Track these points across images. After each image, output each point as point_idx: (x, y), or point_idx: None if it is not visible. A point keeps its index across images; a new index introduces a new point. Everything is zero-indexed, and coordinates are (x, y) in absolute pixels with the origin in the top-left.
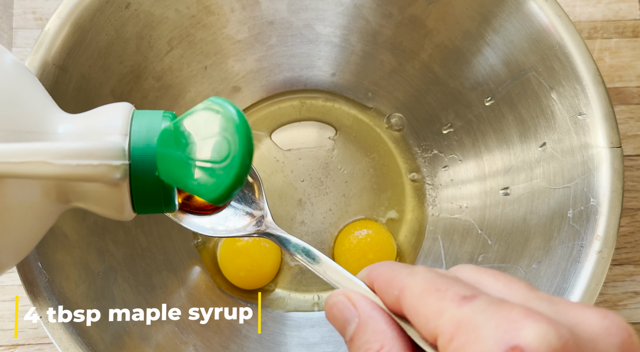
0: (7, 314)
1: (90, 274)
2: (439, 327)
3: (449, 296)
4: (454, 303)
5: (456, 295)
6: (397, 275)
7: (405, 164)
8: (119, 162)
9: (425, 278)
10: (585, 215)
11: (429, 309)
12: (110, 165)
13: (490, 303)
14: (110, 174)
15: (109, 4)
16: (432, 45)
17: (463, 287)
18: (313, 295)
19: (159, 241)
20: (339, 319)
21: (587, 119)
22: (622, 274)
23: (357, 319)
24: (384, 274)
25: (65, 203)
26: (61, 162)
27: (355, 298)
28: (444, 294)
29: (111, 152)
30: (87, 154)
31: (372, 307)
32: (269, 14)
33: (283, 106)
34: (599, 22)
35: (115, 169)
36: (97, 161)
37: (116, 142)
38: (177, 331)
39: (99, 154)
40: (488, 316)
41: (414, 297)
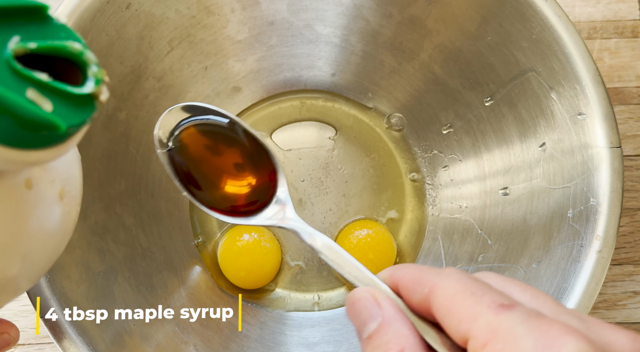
0: (7, 314)
1: (91, 273)
2: (472, 330)
3: (486, 301)
4: (491, 310)
5: (493, 301)
6: (426, 275)
7: (405, 164)
8: None
9: (459, 280)
10: (585, 215)
11: (463, 311)
12: None
13: (529, 315)
14: None
15: (109, 4)
16: (432, 46)
17: (499, 294)
18: (313, 295)
19: (160, 241)
20: (360, 314)
21: (586, 119)
22: (622, 273)
23: (380, 318)
24: (411, 273)
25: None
26: None
27: (380, 298)
28: (480, 298)
29: None
30: None
31: (397, 310)
32: (269, 14)
33: (283, 106)
34: (599, 22)
35: None
36: None
37: None
38: (177, 331)
39: None
40: (528, 328)
41: (447, 297)
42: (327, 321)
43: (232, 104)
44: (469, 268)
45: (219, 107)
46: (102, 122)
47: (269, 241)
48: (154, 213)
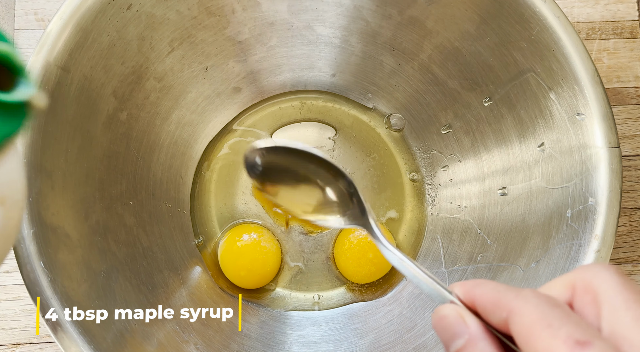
0: (9, 313)
1: (92, 273)
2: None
3: (562, 336)
4: (567, 346)
5: (569, 337)
6: (504, 297)
7: (404, 164)
8: None
9: (537, 306)
10: (584, 214)
11: (540, 344)
12: None
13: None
14: None
15: (110, 5)
16: (431, 46)
17: (577, 327)
18: (313, 294)
19: (161, 241)
20: (447, 330)
21: (585, 119)
22: None
23: (468, 336)
24: (489, 294)
25: None
26: None
27: (466, 316)
28: (557, 332)
29: None
30: None
31: (482, 329)
32: (270, 15)
33: (283, 107)
34: (597, 23)
35: None
36: None
37: None
38: (178, 330)
39: None
40: None
41: (524, 326)
42: (327, 320)
43: (233, 104)
44: (468, 267)
45: (220, 107)
46: (103, 123)
47: (269, 241)
48: (155, 213)
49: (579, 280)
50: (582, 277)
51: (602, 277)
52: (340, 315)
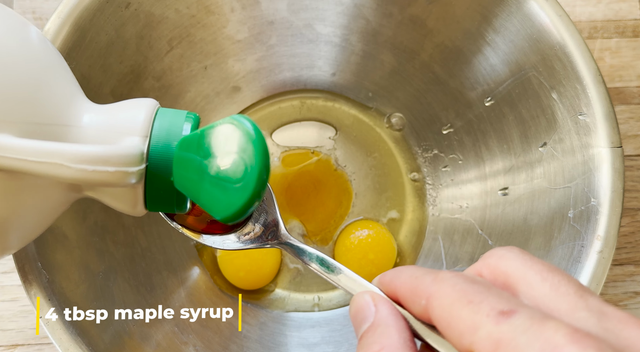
0: (6, 314)
1: (90, 274)
2: (475, 344)
3: (484, 309)
4: (491, 319)
5: (492, 309)
6: (422, 283)
7: (405, 164)
8: (135, 168)
9: (454, 286)
10: (586, 215)
11: (462, 323)
12: (126, 171)
13: (532, 320)
14: (125, 179)
15: (108, 3)
16: (432, 45)
17: (499, 298)
18: (313, 295)
19: (159, 241)
20: (358, 315)
21: (587, 118)
22: (623, 274)
23: (372, 319)
24: (407, 282)
25: (78, 192)
26: (77, 167)
27: (378, 300)
28: (478, 306)
29: (129, 158)
30: (105, 160)
31: (391, 312)
32: (269, 14)
33: (283, 106)
34: (600, 21)
35: (130, 175)
36: (114, 168)
37: (135, 147)
38: (177, 331)
39: (116, 161)
40: (530, 337)
41: (444, 309)
42: (327, 321)
43: (232, 103)
44: None
45: (219, 107)
46: None
47: None
48: (154, 213)
49: (485, 268)
50: (487, 263)
51: (507, 258)
52: (341, 316)
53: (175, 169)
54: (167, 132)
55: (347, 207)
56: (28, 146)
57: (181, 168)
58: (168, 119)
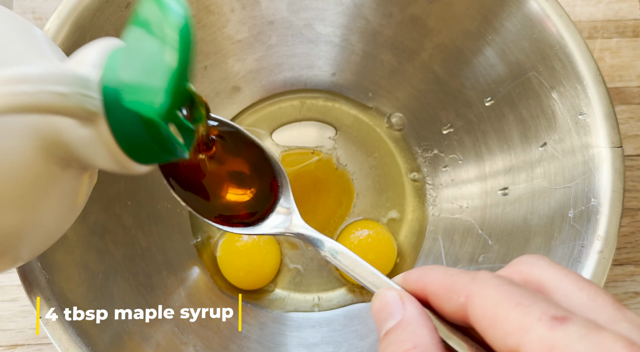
0: (6, 315)
1: (90, 274)
2: (524, 345)
3: (535, 313)
4: (544, 323)
5: (544, 313)
6: (459, 281)
7: (405, 164)
8: (73, 89)
9: (498, 287)
10: (586, 215)
11: (510, 323)
12: (67, 93)
13: (588, 329)
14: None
15: (108, 3)
16: (432, 45)
17: (548, 303)
18: (313, 296)
19: (159, 241)
20: (383, 311)
21: (587, 118)
22: (623, 274)
23: (400, 316)
24: (441, 279)
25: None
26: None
27: (406, 298)
28: (528, 309)
29: (71, 78)
30: (48, 80)
31: (420, 312)
32: (269, 14)
33: (283, 106)
34: (600, 21)
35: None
36: (60, 88)
37: (81, 72)
38: (177, 331)
39: (64, 80)
40: (588, 345)
41: (488, 308)
42: (327, 321)
43: (232, 103)
44: (470, 268)
45: (219, 107)
46: None
47: (268, 241)
48: (153, 213)
49: (516, 274)
50: (519, 270)
51: (540, 266)
52: (341, 316)
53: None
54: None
55: (347, 207)
56: None
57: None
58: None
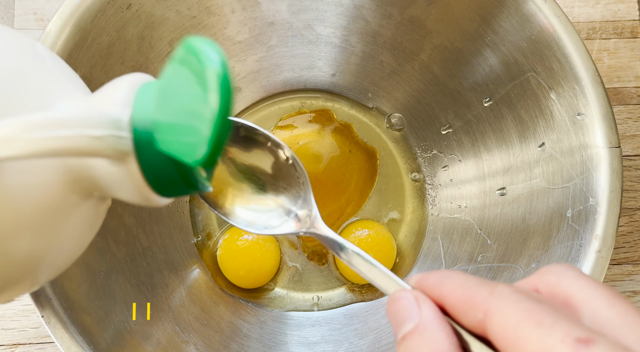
0: (8, 313)
1: (92, 273)
2: None
3: (558, 334)
4: (567, 346)
5: (567, 335)
6: (477, 294)
7: (405, 164)
8: (106, 132)
9: (518, 304)
10: (584, 215)
11: (531, 345)
12: (100, 135)
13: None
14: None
15: (110, 5)
16: (431, 46)
17: (571, 323)
18: (312, 295)
19: (160, 241)
20: (399, 314)
21: (586, 119)
22: (621, 273)
23: (417, 320)
24: (458, 291)
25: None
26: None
27: (422, 300)
28: (550, 330)
29: (105, 122)
30: (80, 124)
31: (437, 314)
32: (270, 15)
33: (283, 106)
34: (598, 22)
35: (109, 140)
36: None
37: (112, 112)
38: (178, 330)
39: (90, 123)
40: None
41: (508, 327)
42: (327, 320)
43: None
44: (469, 268)
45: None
46: None
47: (268, 240)
48: (155, 213)
49: (543, 284)
50: (547, 280)
51: (570, 277)
52: (341, 315)
53: (157, 131)
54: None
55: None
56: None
57: (161, 127)
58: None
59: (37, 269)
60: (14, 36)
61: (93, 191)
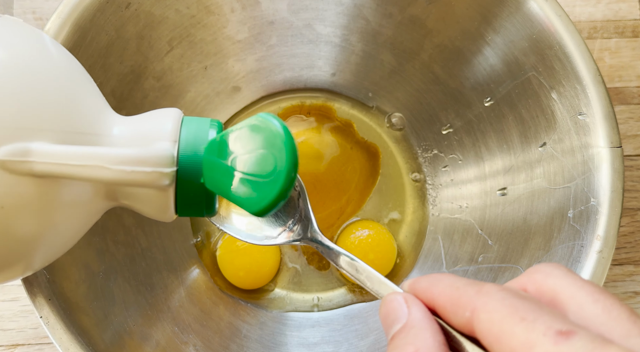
0: (7, 314)
1: (91, 274)
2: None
3: (540, 328)
4: (549, 338)
5: (549, 328)
6: (464, 294)
7: (406, 164)
8: (168, 169)
9: (503, 301)
10: (586, 215)
11: (515, 339)
12: (161, 172)
13: (594, 344)
14: (160, 180)
15: (109, 4)
16: (432, 45)
17: (554, 317)
18: (312, 296)
19: (159, 241)
20: (389, 315)
21: (587, 118)
22: (622, 274)
23: (406, 319)
24: (446, 292)
25: (113, 201)
26: (116, 168)
27: (411, 302)
28: (533, 324)
29: (162, 159)
30: (141, 161)
31: (425, 315)
32: (269, 14)
33: (283, 106)
34: (599, 22)
35: (164, 176)
36: (150, 168)
37: (167, 149)
38: (177, 331)
39: (151, 161)
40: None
41: (493, 323)
42: (327, 321)
43: (232, 103)
44: (469, 268)
45: (219, 107)
46: None
47: None
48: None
49: (530, 283)
50: (534, 279)
51: (556, 275)
52: (341, 316)
53: (206, 171)
54: (194, 138)
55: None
56: (69, 151)
57: (211, 168)
58: (194, 125)
59: (34, 252)
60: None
61: (118, 198)
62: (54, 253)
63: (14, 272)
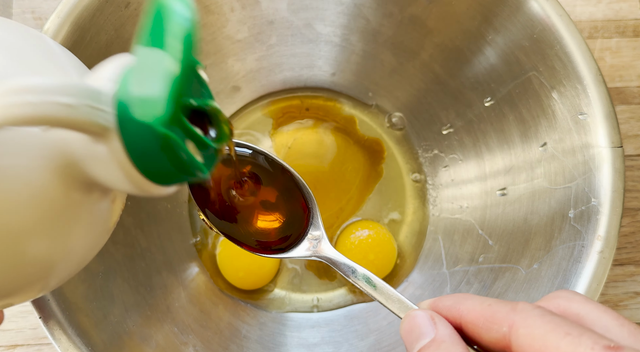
0: (6, 315)
1: (90, 274)
2: None
3: (587, 342)
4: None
5: (596, 343)
6: (499, 310)
7: (406, 164)
8: (80, 101)
9: (543, 317)
10: (587, 215)
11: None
12: (90, 105)
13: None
14: (89, 116)
15: (108, 3)
16: (432, 45)
17: (596, 333)
18: (312, 296)
19: (159, 241)
20: (414, 330)
21: (588, 118)
22: (623, 274)
23: (434, 335)
24: (478, 309)
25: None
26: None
27: (437, 318)
28: (579, 339)
29: (90, 92)
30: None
31: (452, 332)
32: (269, 14)
33: (283, 105)
34: (600, 21)
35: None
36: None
37: (92, 84)
38: (176, 332)
39: (77, 92)
40: None
41: (535, 339)
42: (327, 322)
43: (232, 103)
44: (470, 268)
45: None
46: None
47: None
48: (153, 213)
49: (553, 308)
50: (556, 304)
51: (578, 301)
52: (341, 317)
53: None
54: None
55: (359, 202)
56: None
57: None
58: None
59: (49, 273)
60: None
61: (89, 183)
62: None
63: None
